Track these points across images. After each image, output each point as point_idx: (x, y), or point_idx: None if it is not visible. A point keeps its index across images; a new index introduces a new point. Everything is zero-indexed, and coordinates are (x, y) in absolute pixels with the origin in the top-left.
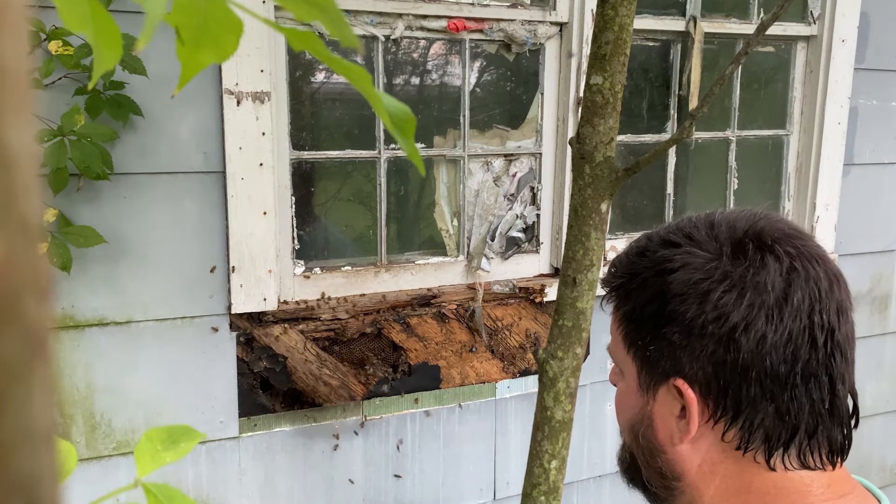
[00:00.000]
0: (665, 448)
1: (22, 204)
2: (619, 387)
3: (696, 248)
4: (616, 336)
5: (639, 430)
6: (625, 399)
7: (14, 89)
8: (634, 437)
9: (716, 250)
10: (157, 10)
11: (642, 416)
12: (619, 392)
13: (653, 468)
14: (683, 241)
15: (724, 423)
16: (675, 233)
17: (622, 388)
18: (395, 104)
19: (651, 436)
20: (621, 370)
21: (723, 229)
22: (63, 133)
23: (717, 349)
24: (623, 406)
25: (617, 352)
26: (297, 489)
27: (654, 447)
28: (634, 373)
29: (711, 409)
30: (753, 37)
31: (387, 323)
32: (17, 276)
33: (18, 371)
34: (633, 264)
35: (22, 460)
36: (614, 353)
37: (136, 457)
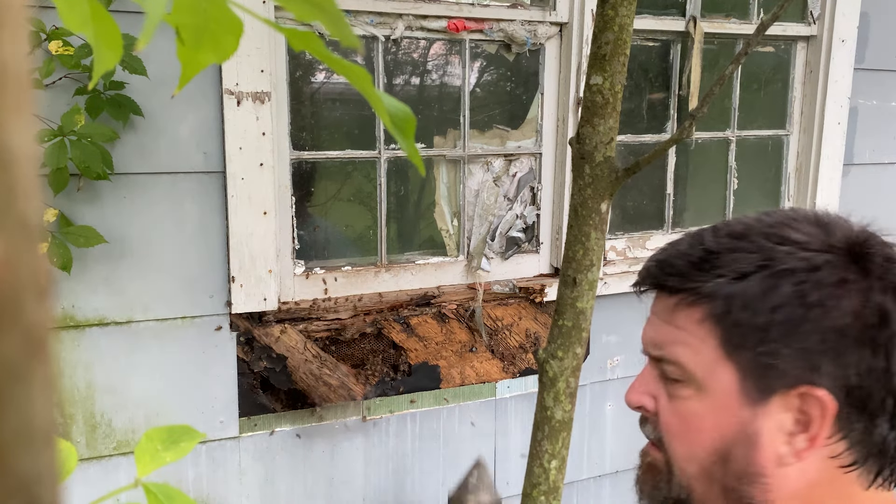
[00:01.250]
0: (766, 471)
1: (22, 204)
2: (687, 406)
3: (819, 248)
4: (700, 345)
5: (731, 453)
6: (705, 418)
7: (14, 89)
8: (719, 462)
9: (841, 251)
10: (158, 10)
11: (742, 433)
12: (685, 412)
13: (736, 498)
14: (801, 237)
15: (850, 439)
16: (781, 227)
17: (696, 407)
18: (396, 104)
19: (750, 458)
20: (694, 385)
21: (835, 228)
22: (63, 133)
23: (871, 357)
24: (697, 428)
25: (698, 363)
26: (297, 489)
27: (750, 472)
28: (734, 384)
29: (843, 422)
30: (753, 37)
31: (387, 323)
32: (17, 276)
33: (18, 371)
34: (734, 262)
35: (22, 460)
36: (690, 364)
37: (137, 457)
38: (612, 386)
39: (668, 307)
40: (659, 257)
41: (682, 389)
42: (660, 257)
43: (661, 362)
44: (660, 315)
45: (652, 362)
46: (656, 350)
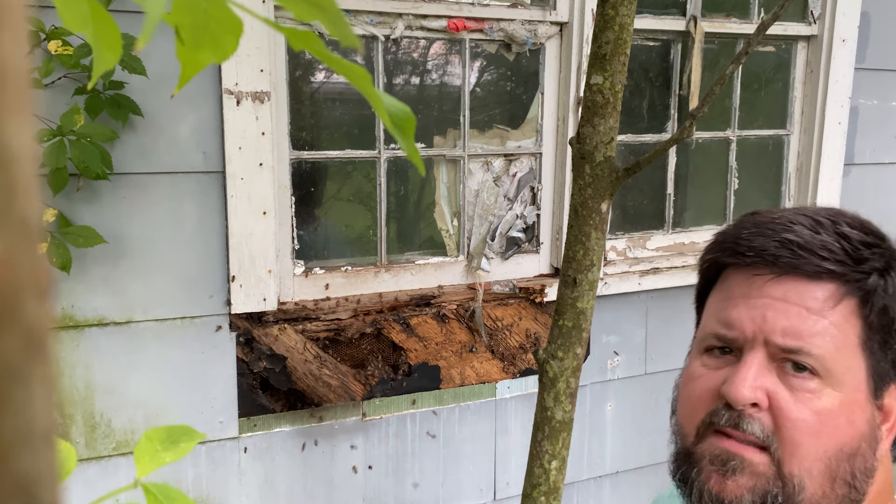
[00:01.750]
0: (880, 461)
1: (22, 204)
2: (824, 403)
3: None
4: (844, 337)
5: (857, 450)
6: (840, 416)
7: (14, 89)
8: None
9: None
10: (157, 9)
11: (869, 430)
12: (821, 409)
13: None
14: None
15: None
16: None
17: (832, 404)
18: (395, 104)
19: (872, 452)
20: (828, 380)
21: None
22: (63, 133)
23: None
24: (835, 426)
25: (838, 358)
26: (297, 489)
27: (869, 467)
28: (864, 379)
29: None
30: (754, 36)
31: (387, 323)
32: (16, 276)
33: (18, 371)
34: (879, 257)
35: (21, 460)
36: (831, 359)
37: (136, 457)
38: (613, 386)
39: (814, 295)
40: (791, 237)
41: (810, 383)
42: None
43: (793, 352)
44: (797, 302)
45: (766, 352)
46: (791, 340)
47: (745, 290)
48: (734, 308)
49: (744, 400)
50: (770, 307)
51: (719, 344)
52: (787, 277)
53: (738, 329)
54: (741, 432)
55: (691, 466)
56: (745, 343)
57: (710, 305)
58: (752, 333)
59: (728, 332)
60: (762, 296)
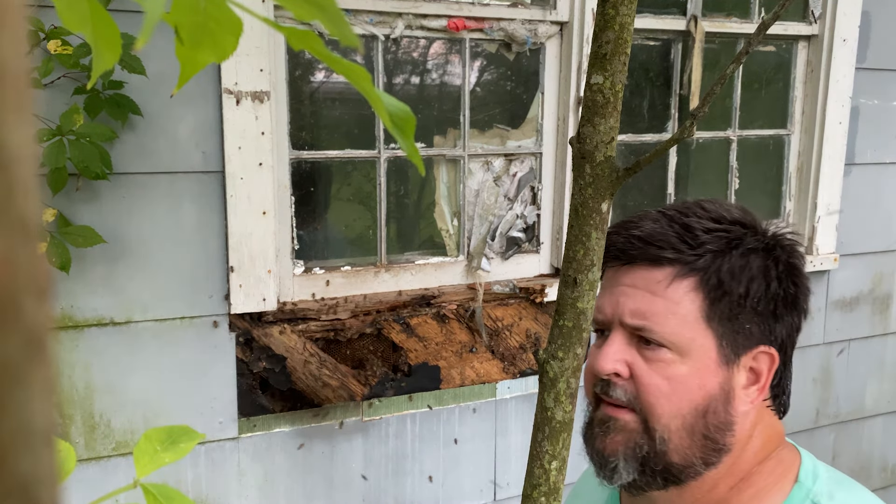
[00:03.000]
0: (735, 419)
1: (21, 204)
2: (673, 370)
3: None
4: (685, 313)
5: (708, 408)
6: (689, 380)
7: (13, 89)
8: (700, 417)
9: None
10: (157, 9)
11: (722, 390)
12: (674, 376)
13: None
14: (749, 219)
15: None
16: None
17: (681, 370)
18: (395, 103)
19: (726, 410)
20: (677, 351)
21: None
22: (62, 133)
23: (797, 320)
24: (684, 389)
25: (682, 330)
26: (297, 490)
27: (725, 422)
28: (713, 349)
29: (779, 370)
30: (754, 36)
31: (387, 323)
32: (16, 276)
33: (17, 372)
34: (716, 241)
35: (21, 461)
36: (675, 333)
37: (136, 457)
38: None
39: (655, 279)
40: (635, 233)
41: (662, 354)
42: (636, 233)
43: (640, 330)
44: (642, 286)
45: (624, 331)
46: (638, 320)
47: (608, 280)
48: (601, 297)
49: (604, 371)
50: (622, 293)
51: (597, 327)
52: (635, 266)
53: (602, 314)
54: (609, 398)
55: (589, 429)
56: (609, 325)
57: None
58: (611, 316)
59: (598, 315)
60: (617, 284)
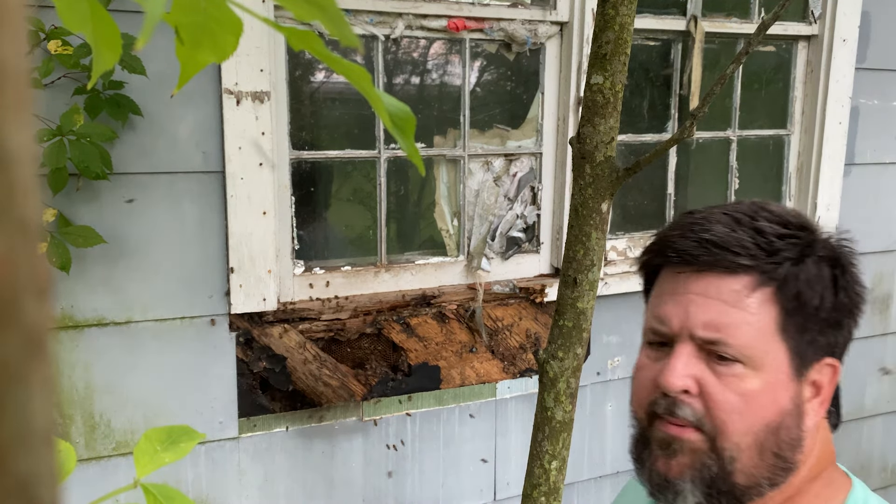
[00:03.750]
0: (807, 433)
1: (21, 204)
2: (747, 385)
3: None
4: (761, 325)
5: (781, 424)
6: (764, 395)
7: (13, 89)
8: (771, 433)
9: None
10: (157, 9)
11: (794, 404)
12: (747, 392)
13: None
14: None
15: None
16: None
17: (756, 385)
18: (395, 104)
19: (798, 425)
20: (750, 365)
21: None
22: (62, 133)
23: (853, 328)
24: (758, 405)
25: (758, 343)
26: (297, 490)
27: (796, 437)
28: (786, 361)
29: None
30: (754, 36)
31: (387, 323)
32: (16, 276)
33: (18, 371)
34: (791, 247)
35: (21, 461)
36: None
37: (136, 457)
38: (613, 386)
39: (731, 288)
40: (706, 236)
41: (735, 368)
42: (708, 236)
43: (714, 343)
44: (715, 296)
45: (693, 343)
46: (712, 332)
47: (672, 287)
48: (664, 305)
49: (674, 388)
50: (692, 302)
51: (656, 339)
52: (707, 273)
53: (667, 324)
54: (676, 418)
55: (644, 449)
56: (675, 337)
57: (650, 302)
58: (679, 328)
59: (660, 326)
60: (686, 292)
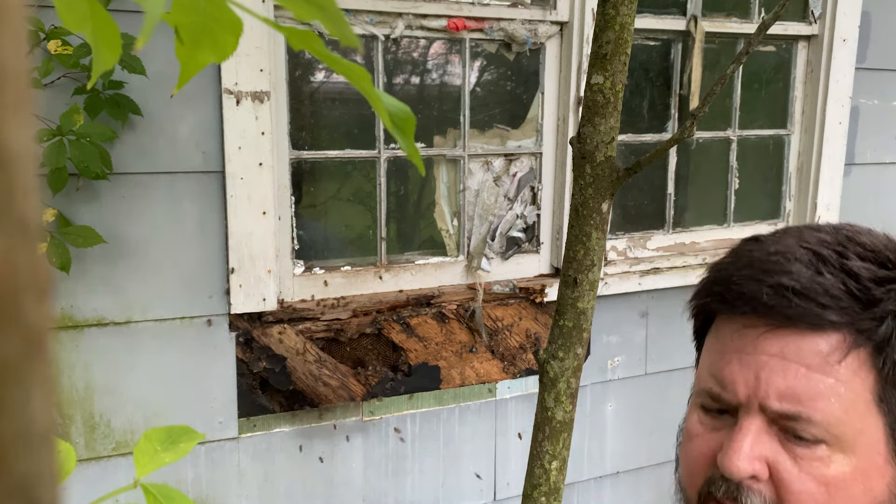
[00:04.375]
0: None
1: (21, 204)
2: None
3: None
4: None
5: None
6: (854, 484)
7: (13, 89)
8: None
9: None
10: (157, 9)
11: (890, 496)
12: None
13: None
14: None
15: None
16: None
17: (845, 472)
18: (395, 104)
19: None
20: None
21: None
22: (62, 133)
23: None
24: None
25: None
26: (297, 490)
27: None
28: (882, 440)
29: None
30: (754, 36)
31: (387, 323)
32: (16, 276)
33: (17, 371)
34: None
35: (21, 461)
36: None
37: (136, 457)
38: (613, 386)
39: (817, 350)
40: (786, 282)
41: (817, 450)
42: (788, 282)
43: (792, 419)
44: (795, 359)
45: (765, 417)
46: (790, 405)
47: (738, 343)
48: (727, 365)
49: (739, 474)
50: (765, 366)
51: (715, 405)
52: (785, 329)
53: (730, 391)
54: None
55: None
56: (741, 406)
57: (706, 352)
58: (747, 397)
59: (722, 392)
60: (757, 352)
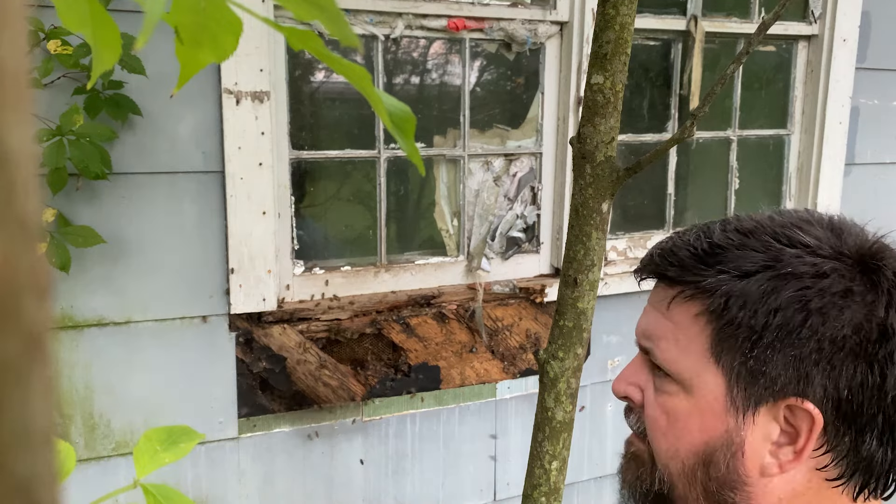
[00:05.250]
0: (750, 479)
1: (21, 204)
2: (673, 403)
3: (832, 254)
4: (689, 344)
5: (713, 458)
6: (690, 419)
7: (13, 89)
8: (701, 465)
9: (852, 260)
10: (157, 9)
11: (727, 440)
12: (671, 409)
13: (705, 500)
14: (811, 240)
15: (837, 453)
16: (792, 229)
17: (681, 406)
18: (395, 104)
19: (733, 465)
20: (680, 383)
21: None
22: (62, 133)
23: (866, 372)
24: (682, 427)
25: (685, 362)
26: (297, 490)
27: (734, 479)
28: (721, 389)
29: (829, 436)
30: (755, 36)
31: (387, 323)
32: (16, 276)
33: (17, 372)
34: (736, 259)
35: (20, 461)
36: (677, 363)
37: (136, 457)
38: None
39: (666, 298)
40: (664, 245)
41: (669, 385)
42: (664, 245)
43: (650, 354)
44: (655, 306)
45: (642, 352)
46: (647, 341)
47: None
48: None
49: (615, 393)
50: (645, 311)
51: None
52: (660, 283)
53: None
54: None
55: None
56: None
57: None
58: (636, 337)
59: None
60: (647, 301)
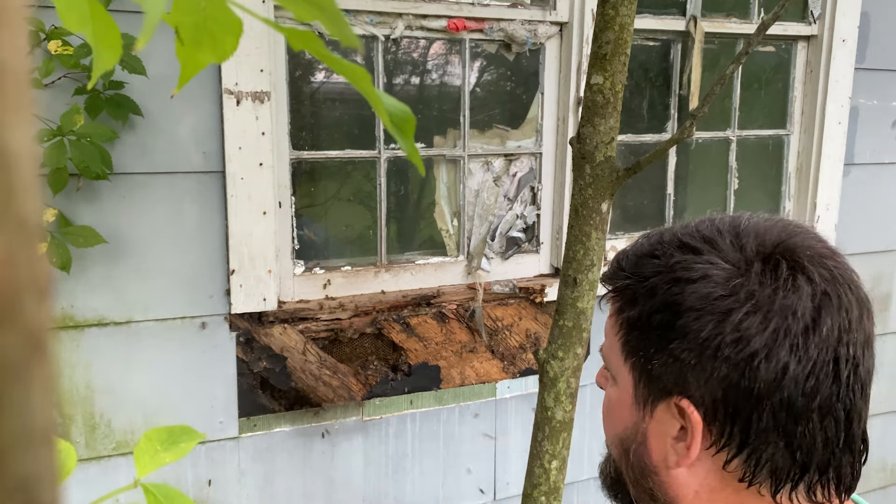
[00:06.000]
0: (658, 470)
1: (22, 204)
2: (610, 393)
3: (719, 259)
4: (613, 340)
5: (630, 447)
6: (616, 409)
7: (14, 89)
8: (624, 452)
9: (741, 263)
10: (157, 9)
11: (635, 431)
12: (608, 399)
13: (643, 488)
14: (704, 247)
15: (728, 453)
16: (695, 236)
17: (613, 396)
18: (395, 104)
19: (644, 455)
20: (613, 376)
21: (751, 240)
22: (62, 133)
23: (731, 374)
24: (613, 416)
25: (612, 357)
26: (297, 489)
27: (646, 467)
28: (630, 384)
29: (716, 435)
30: (754, 36)
31: (387, 323)
32: (16, 276)
33: (18, 371)
34: (642, 265)
35: (21, 461)
36: (609, 357)
37: (136, 457)
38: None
39: (606, 301)
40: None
41: (610, 377)
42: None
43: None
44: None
45: None
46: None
47: None
48: None
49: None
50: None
51: None
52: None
53: None
54: None
55: None
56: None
57: None
58: None
59: None
60: None
